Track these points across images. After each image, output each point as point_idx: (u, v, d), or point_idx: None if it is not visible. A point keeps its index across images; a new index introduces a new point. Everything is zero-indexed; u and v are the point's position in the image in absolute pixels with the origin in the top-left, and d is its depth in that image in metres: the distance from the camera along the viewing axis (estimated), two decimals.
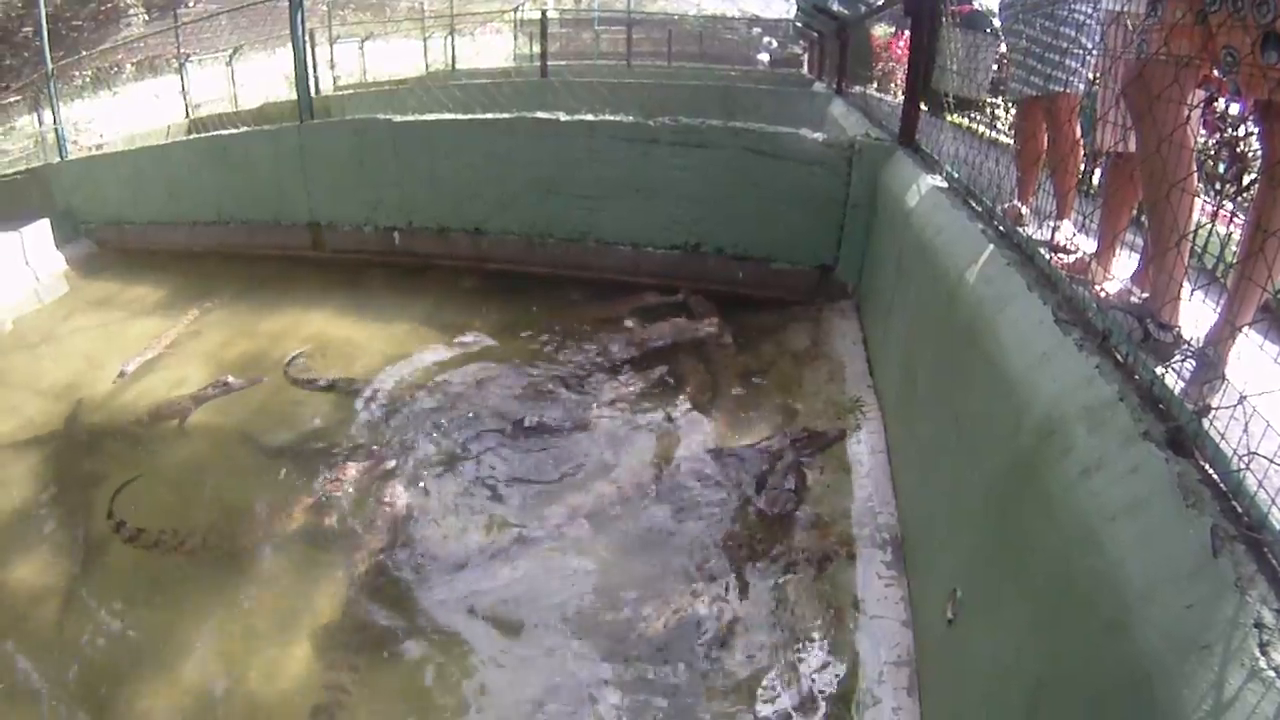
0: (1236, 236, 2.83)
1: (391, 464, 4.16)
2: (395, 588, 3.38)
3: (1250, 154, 3.79)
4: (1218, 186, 3.99)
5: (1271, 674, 1.20)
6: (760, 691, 2.79)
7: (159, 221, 7.90)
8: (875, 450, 3.94)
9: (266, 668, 3.03)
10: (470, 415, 4.66)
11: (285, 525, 3.76)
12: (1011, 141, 4.50)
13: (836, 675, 2.77)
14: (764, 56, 23.68)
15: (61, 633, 3.24)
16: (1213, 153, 3.97)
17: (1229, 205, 3.69)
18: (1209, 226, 3.19)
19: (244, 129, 8.04)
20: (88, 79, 13.18)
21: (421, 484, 4.03)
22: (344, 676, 2.95)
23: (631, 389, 4.94)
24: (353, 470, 4.09)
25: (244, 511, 3.83)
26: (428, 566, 3.50)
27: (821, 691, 2.74)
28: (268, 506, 3.85)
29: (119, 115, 12.84)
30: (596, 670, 2.96)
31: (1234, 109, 3.83)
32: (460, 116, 7.02)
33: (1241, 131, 3.85)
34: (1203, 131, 3.74)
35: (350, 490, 3.97)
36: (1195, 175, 2.31)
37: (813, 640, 2.94)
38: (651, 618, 3.15)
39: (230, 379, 5.04)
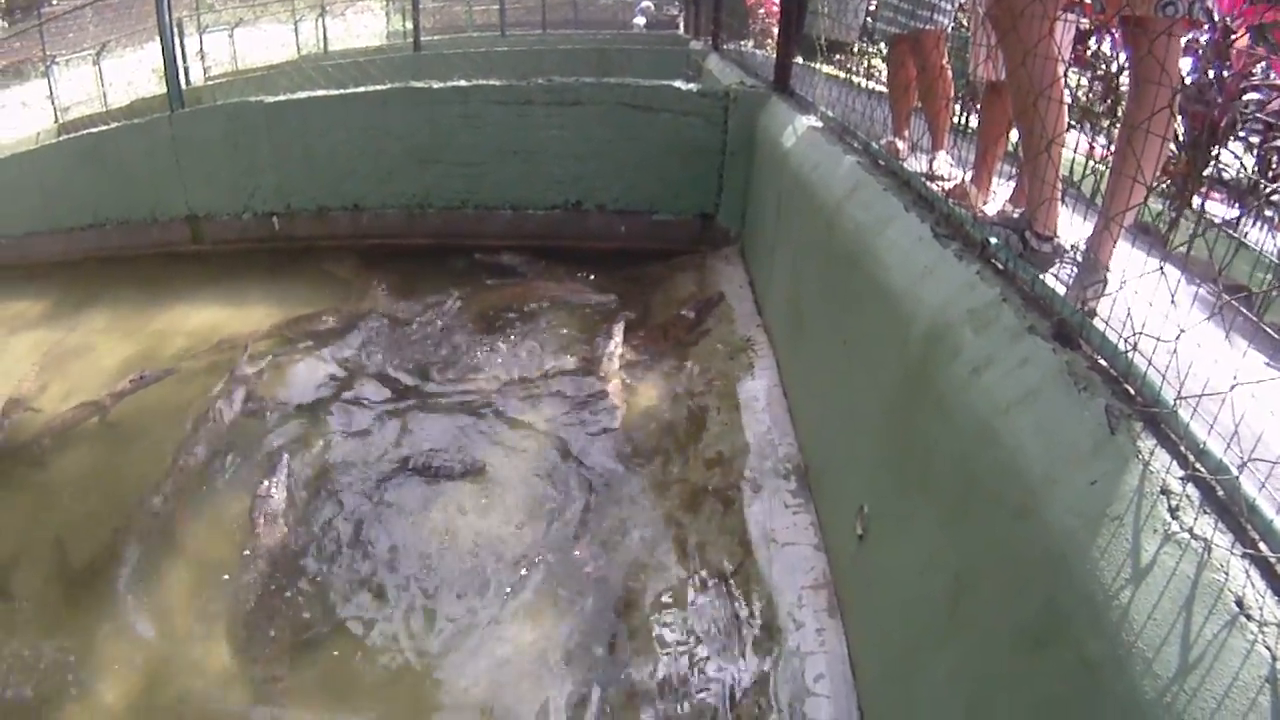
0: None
1: (286, 456, 3.88)
2: (300, 587, 3.17)
3: (1121, 88, 3.93)
4: (1092, 123, 4.13)
5: (1185, 535, 1.22)
6: (680, 633, 2.75)
7: (35, 232, 7.25)
8: (770, 385, 3.95)
9: (188, 693, 2.81)
10: (356, 402, 4.41)
11: (185, 527, 3.55)
12: (884, 85, 4.55)
13: (756, 606, 2.75)
14: (640, 20, 23.34)
15: None
16: (1087, 88, 4.12)
17: (1103, 140, 3.83)
18: (1086, 162, 3.30)
19: (114, 125, 7.38)
20: None
21: (315, 473, 3.81)
22: (272, 689, 2.78)
23: (523, 353, 4.84)
24: (248, 465, 3.91)
25: (145, 519, 3.58)
26: (329, 558, 3.30)
27: (743, 623, 2.72)
28: (170, 510, 3.63)
29: None
30: (518, 630, 2.88)
31: (1106, 47, 3.97)
32: (333, 92, 6.69)
33: (1114, 68, 4.00)
34: (1075, 69, 3.86)
35: (248, 486, 3.73)
36: (1062, 83, 2.36)
37: (727, 575, 2.91)
38: (561, 579, 3.07)
39: (145, 373, 4.81)
